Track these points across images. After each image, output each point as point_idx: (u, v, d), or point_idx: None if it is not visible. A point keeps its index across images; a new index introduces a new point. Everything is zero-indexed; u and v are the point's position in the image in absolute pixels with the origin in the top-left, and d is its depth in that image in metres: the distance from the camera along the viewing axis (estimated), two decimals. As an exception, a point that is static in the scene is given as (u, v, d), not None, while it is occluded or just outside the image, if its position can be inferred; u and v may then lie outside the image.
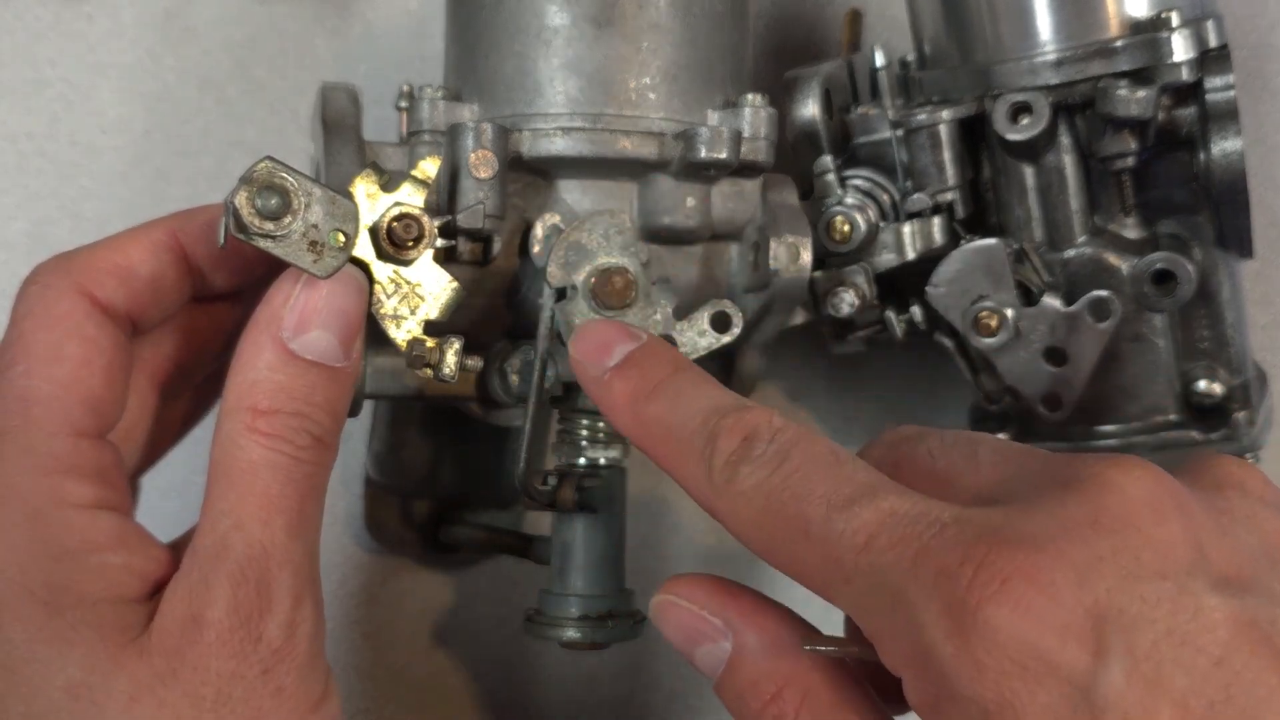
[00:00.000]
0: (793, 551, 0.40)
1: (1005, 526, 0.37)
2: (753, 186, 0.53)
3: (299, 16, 0.69)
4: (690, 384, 0.45)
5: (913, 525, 0.38)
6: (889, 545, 0.38)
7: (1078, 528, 0.36)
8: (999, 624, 0.35)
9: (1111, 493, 0.37)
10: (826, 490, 0.40)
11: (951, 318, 0.55)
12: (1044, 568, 0.35)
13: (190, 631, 0.42)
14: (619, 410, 0.45)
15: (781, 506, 0.40)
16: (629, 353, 0.46)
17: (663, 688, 0.67)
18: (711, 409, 0.43)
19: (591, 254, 0.49)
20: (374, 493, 0.66)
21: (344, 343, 0.45)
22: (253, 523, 0.43)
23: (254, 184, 0.44)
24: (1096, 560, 0.36)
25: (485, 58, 0.52)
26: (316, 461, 0.44)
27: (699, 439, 0.43)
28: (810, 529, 0.39)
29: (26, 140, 0.67)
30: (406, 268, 0.48)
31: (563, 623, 0.53)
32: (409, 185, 0.48)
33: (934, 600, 0.36)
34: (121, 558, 0.43)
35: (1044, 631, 0.35)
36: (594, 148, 0.50)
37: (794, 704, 0.42)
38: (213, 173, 0.67)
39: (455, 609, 0.67)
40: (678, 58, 0.51)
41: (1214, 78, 0.53)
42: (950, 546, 0.37)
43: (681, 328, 0.49)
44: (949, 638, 0.36)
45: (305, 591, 0.43)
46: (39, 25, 0.67)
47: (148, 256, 0.47)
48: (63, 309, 0.45)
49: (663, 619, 0.45)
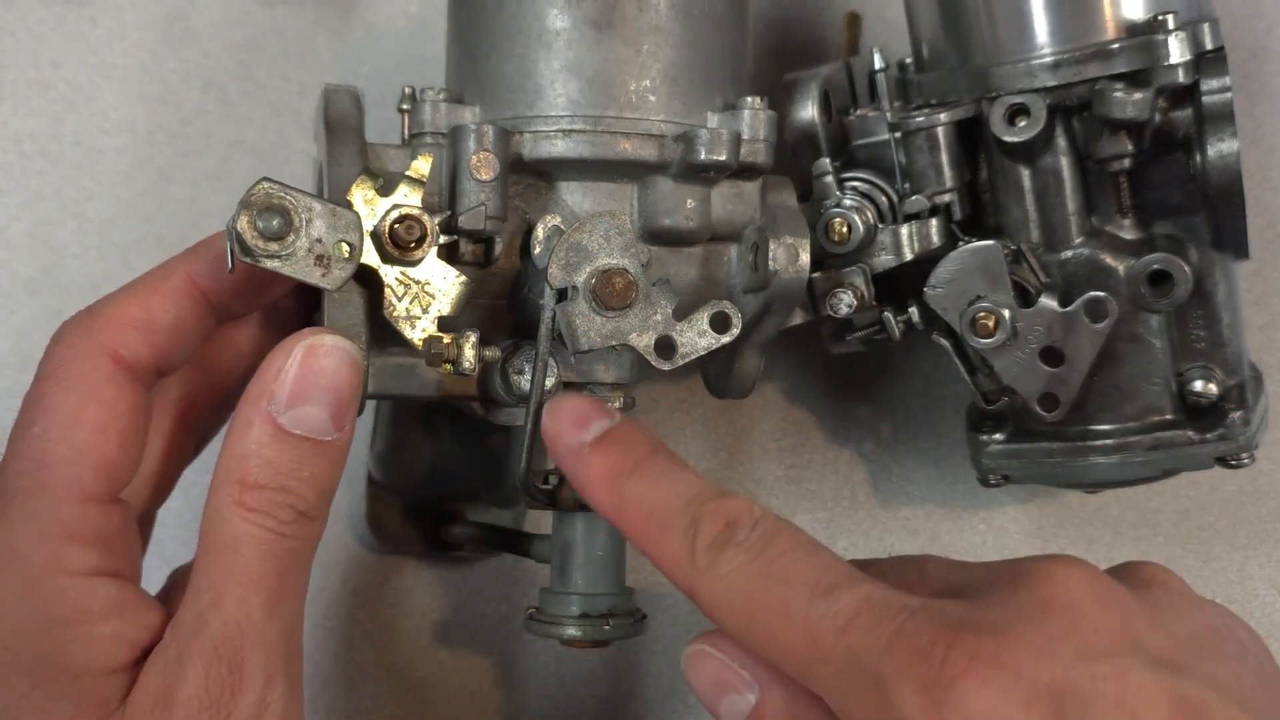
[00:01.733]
0: (774, 633, 0.42)
1: (969, 614, 0.41)
2: (752, 188, 0.53)
3: (301, 19, 0.69)
4: (669, 466, 0.47)
5: (888, 610, 0.41)
6: (867, 628, 0.41)
7: (1032, 614, 0.41)
8: (968, 698, 0.38)
9: (1057, 583, 0.42)
10: (809, 576, 0.42)
11: (949, 318, 0.55)
12: (1006, 649, 0.39)
13: (161, 710, 0.43)
14: (595, 485, 0.47)
15: (765, 590, 0.43)
16: (607, 429, 0.47)
17: (662, 686, 0.68)
18: (693, 494, 0.45)
19: (592, 255, 0.49)
20: (375, 492, 0.66)
21: (334, 417, 0.45)
22: (230, 600, 0.44)
23: (253, 207, 0.44)
24: (1050, 641, 0.40)
25: (486, 60, 0.52)
26: (300, 536, 0.45)
27: (681, 521, 0.45)
28: (792, 611, 0.42)
29: (29, 141, 0.67)
30: (413, 268, 0.48)
31: (563, 621, 0.53)
32: (405, 186, 0.49)
33: (909, 679, 0.39)
34: (113, 628, 0.44)
35: (1010, 705, 0.38)
36: (594, 150, 0.50)
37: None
38: (215, 174, 0.68)
39: (456, 608, 0.68)
40: (678, 60, 0.51)
41: (1210, 79, 0.53)
42: (923, 629, 0.40)
43: (681, 328, 0.49)
44: (923, 712, 0.39)
45: (278, 671, 0.44)
46: (42, 27, 0.67)
47: (168, 305, 0.48)
48: (84, 371, 0.46)
49: (693, 668, 0.47)
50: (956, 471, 0.68)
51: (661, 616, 0.68)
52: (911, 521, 0.69)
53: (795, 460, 0.69)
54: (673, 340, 0.49)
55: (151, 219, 0.67)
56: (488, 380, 0.51)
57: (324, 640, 0.67)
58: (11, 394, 0.66)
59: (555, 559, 0.55)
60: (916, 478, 0.69)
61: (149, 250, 0.67)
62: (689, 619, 0.67)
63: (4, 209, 0.67)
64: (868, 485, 0.69)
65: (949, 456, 0.68)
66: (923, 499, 0.69)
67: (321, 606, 0.67)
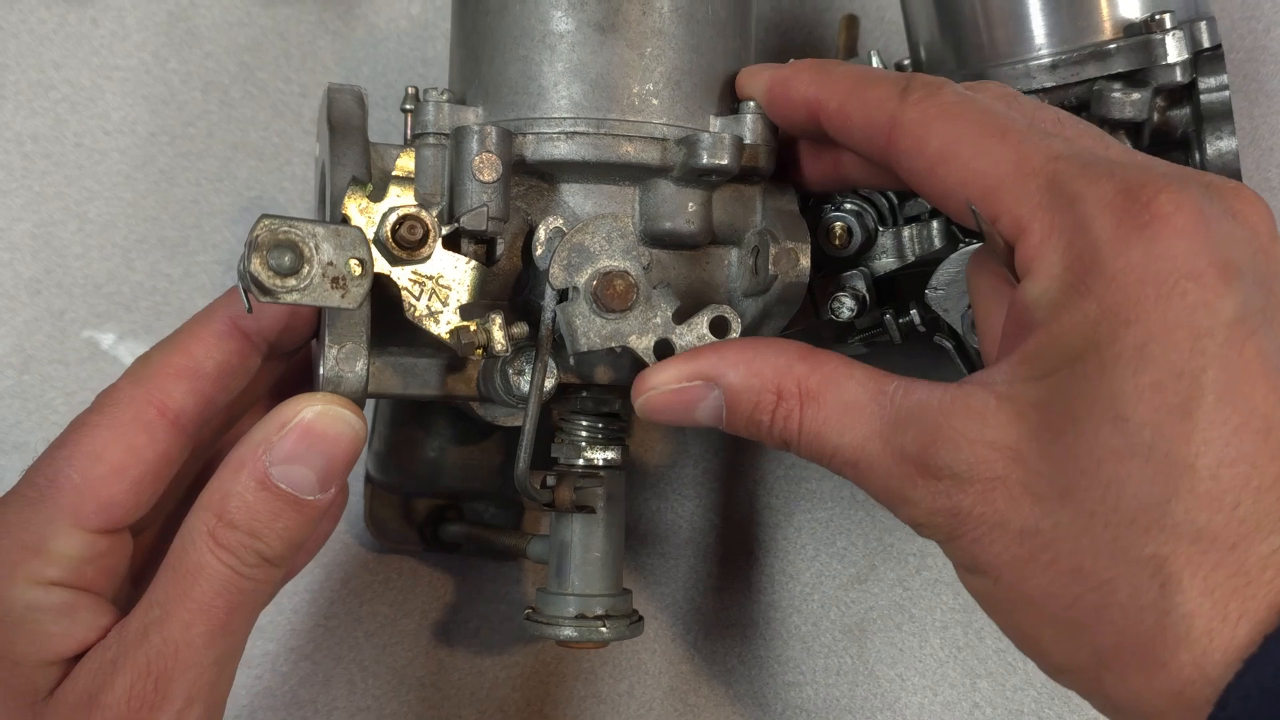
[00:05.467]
0: (983, 146, 0.43)
1: (1181, 173, 0.42)
2: (753, 192, 0.53)
3: (302, 20, 0.69)
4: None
5: (1102, 160, 0.42)
6: (1079, 165, 0.42)
7: (1224, 212, 0.41)
8: (1162, 238, 0.39)
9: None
10: (1027, 113, 0.45)
11: (950, 319, 0.55)
12: (1214, 215, 0.40)
13: (83, 709, 0.45)
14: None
15: (984, 112, 0.44)
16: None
17: (663, 686, 0.68)
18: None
19: (594, 256, 0.49)
20: (374, 491, 0.66)
21: (322, 481, 0.47)
22: (176, 622, 0.46)
23: (262, 247, 0.44)
24: (1234, 239, 0.40)
25: (490, 62, 0.52)
26: (258, 579, 0.47)
27: (891, 78, 0.47)
28: (1009, 131, 0.43)
29: (32, 142, 0.67)
30: (423, 265, 0.48)
31: (559, 621, 0.54)
32: (395, 186, 0.49)
33: (1109, 209, 0.40)
34: (62, 627, 0.47)
35: (1197, 260, 0.39)
36: (597, 152, 0.50)
37: (794, 394, 0.45)
38: (216, 174, 0.68)
39: (456, 607, 0.68)
40: (681, 64, 0.51)
41: (1208, 78, 0.53)
42: (1135, 176, 0.41)
43: (680, 331, 0.49)
44: (1114, 235, 0.40)
45: (200, 696, 0.46)
46: (44, 29, 0.68)
47: (212, 350, 0.51)
48: (125, 415, 0.49)
49: (654, 413, 0.48)
50: (955, 471, 0.68)
51: (661, 615, 0.68)
52: (911, 521, 0.69)
53: (795, 460, 0.69)
54: (672, 343, 0.49)
55: (153, 220, 0.67)
56: (487, 380, 0.52)
57: (324, 640, 0.67)
58: (12, 394, 0.66)
59: (552, 559, 0.55)
60: (916, 477, 0.69)
61: (151, 251, 0.67)
62: (690, 619, 0.68)
63: (6, 210, 0.67)
64: (867, 485, 0.69)
65: (948, 456, 0.69)
66: (922, 499, 0.69)
67: (322, 606, 0.67)
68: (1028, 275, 0.42)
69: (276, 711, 0.66)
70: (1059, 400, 0.40)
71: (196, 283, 0.67)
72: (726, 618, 0.68)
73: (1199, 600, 0.38)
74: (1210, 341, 0.39)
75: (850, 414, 0.44)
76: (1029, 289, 0.42)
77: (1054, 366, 0.40)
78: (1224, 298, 0.39)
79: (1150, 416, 0.38)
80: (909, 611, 0.68)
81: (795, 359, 0.46)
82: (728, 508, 0.69)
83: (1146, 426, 0.38)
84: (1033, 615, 0.41)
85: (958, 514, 0.42)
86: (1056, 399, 0.40)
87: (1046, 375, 0.41)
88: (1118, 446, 0.39)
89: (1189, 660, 0.38)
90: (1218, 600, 0.38)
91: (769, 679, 0.68)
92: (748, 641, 0.68)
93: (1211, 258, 0.39)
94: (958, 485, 0.41)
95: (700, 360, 0.47)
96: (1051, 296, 0.41)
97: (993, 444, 0.41)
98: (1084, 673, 0.41)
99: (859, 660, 0.68)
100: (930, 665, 0.68)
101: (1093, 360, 0.39)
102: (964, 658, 0.67)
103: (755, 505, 0.69)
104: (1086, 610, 0.39)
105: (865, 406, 0.44)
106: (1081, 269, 0.40)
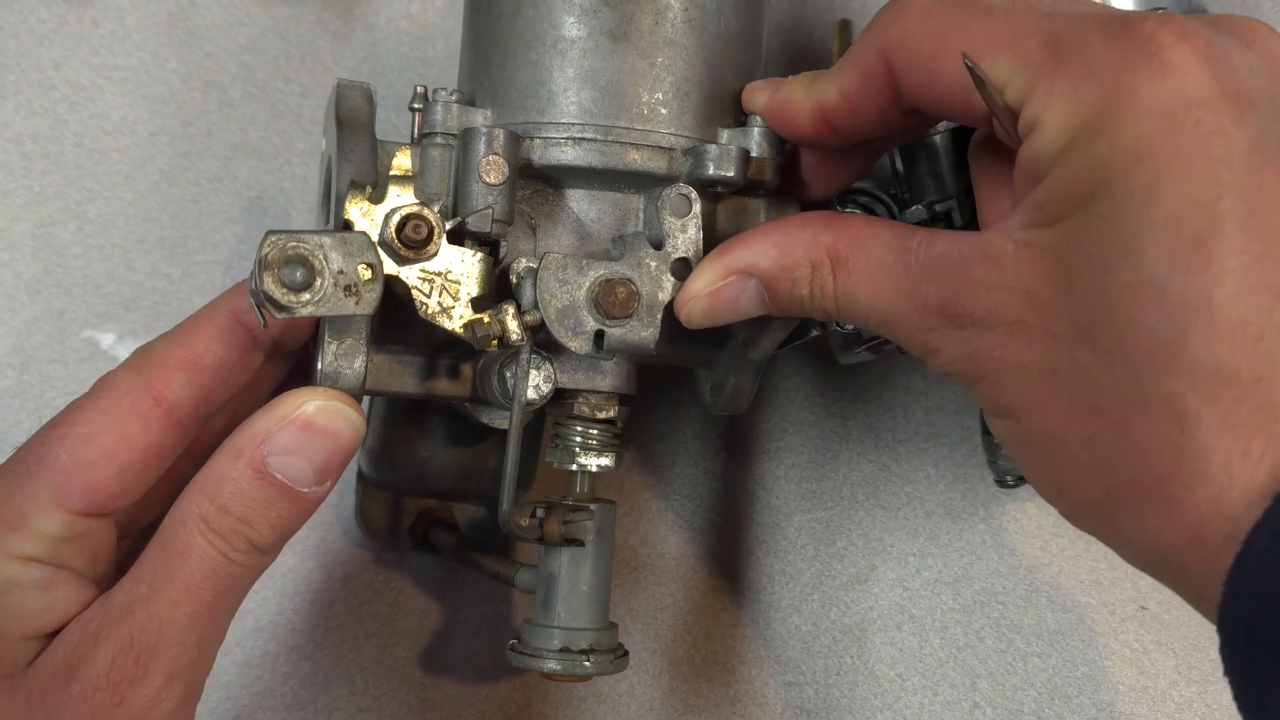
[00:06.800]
0: (972, 27, 0.43)
1: (1178, 15, 0.40)
2: (757, 205, 0.53)
3: (302, 20, 0.69)
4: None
5: (1089, 10, 0.42)
6: (1073, 20, 0.41)
7: (1236, 43, 0.40)
8: (1171, 68, 0.39)
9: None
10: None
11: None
12: (1219, 45, 0.39)
13: (61, 679, 0.45)
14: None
15: (962, 2, 0.44)
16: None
17: (663, 685, 0.68)
18: None
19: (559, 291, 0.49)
20: (366, 488, 0.66)
21: (318, 475, 0.47)
22: (161, 601, 0.46)
23: (273, 265, 0.44)
24: (1247, 67, 0.39)
25: (500, 65, 0.52)
26: (246, 565, 0.47)
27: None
28: (994, 9, 0.43)
29: (31, 142, 0.67)
30: (430, 262, 0.48)
31: (544, 654, 0.54)
32: (395, 186, 0.49)
33: (1112, 46, 0.40)
34: (41, 601, 0.47)
35: (1208, 89, 0.38)
36: (604, 159, 0.50)
37: (825, 263, 0.46)
38: (216, 174, 0.68)
39: (456, 607, 0.68)
40: (690, 75, 0.51)
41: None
42: (1129, 17, 0.40)
43: (670, 245, 0.50)
44: (1120, 66, 0.39)
45: (181, 674, 0.46)
46: (44, 28, 0.67)
47: (214, 344, 0.50)
48: (120, 402, 0.49)
49: (700, 319, 0.49)
50: (956, 471, 0.69)
51: (662, 616, 0.68)
52: (911, 521, 0.69)
53: (795, 460, 0.69)
54: (683, 259, 0.50)
55: (153, 220, 0.67)
56: (484, 382, 0.52)
57: (324, 640, 0.67)
58: (12, 394, 0.66)
59: (540, 590, 0.55)
60: (916, 478, 0.69)
61: (151, 251, 0.67)
62: (689, 619, 0.68)
63: (6, 209, 0.67)
64: (868, 485, 0.69)
65: (949, 456, 0.69)
66: (923, 499, 0.69)
67: (321, 606, 0.67)
68: (1034, 130, 0.41)
69: (276, 712, 0.66)
70: (1074, 242, 0.39)
71: (196, 283, 0.67)
72: (727, 618, 0.68)
73: (1217, 437, 0.37)
74: (1226, 170, 0.38)
75: (878, 275, 0.45)
76: (1036, 143, 0.41)
77: (1068, 210, 0.40)
78: (1239, 125, 0.38)
79: (1165, 250, 0.37)
80: (909, 611, 0.68)
81: (820, 228, 0.46)
82: (728, 508, 0.69)
83: (1161, 260, 0.37)
84: (1053, 454, 0.41)
85: (980, 358, 0.42)
86: (1072, 241, 0.40)
87: (1061, 219, 0.40)
88: (1132, 283, 0.38)
89: (1205, 498, 0.37)
90: (1239, 437, 0.37)
91: (769, 679, 0.68)
92: (748, 642, 0.68)
93: (1223, 86, 0.38)
94: (979, 331, 0.42)
95: (729, 256, 0.48)
96: (1060, 144, 0.40)
97: (1011, 289, 0.41)
98: (1101, 512, 0.40)
99: (859, 660, 0.68)
100: (930, 665, 0.68)
101: (1105, 200, 0.39)
102: (964, 658, 0.68)
103: (755, 505, 0.69)
104: (1103, 447, 0.39)
105: (891, 265, 0.44)
106: (1089, 113, 0.39)
